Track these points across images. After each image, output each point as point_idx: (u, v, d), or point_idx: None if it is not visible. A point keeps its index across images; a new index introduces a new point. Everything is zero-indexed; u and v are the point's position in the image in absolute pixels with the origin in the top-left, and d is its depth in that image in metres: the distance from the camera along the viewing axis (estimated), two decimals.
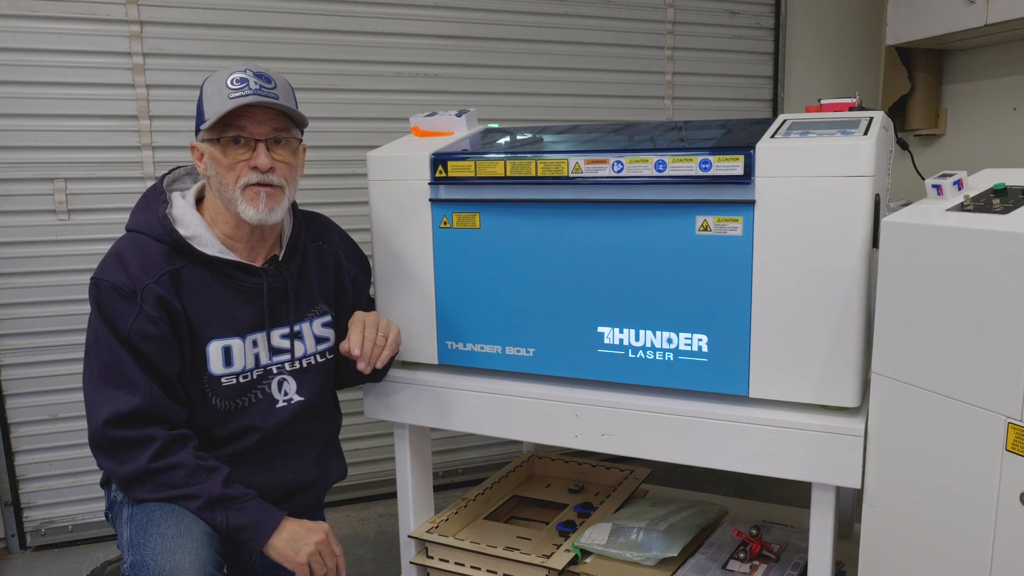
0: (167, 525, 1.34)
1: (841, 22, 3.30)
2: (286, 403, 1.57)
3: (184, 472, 1.39)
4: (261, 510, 1.45)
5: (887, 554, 1.27)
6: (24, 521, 2.45)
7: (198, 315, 1.45)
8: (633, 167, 1.47)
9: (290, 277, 1.57)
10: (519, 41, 2.77)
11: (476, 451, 2.90)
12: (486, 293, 1.66)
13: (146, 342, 1.39)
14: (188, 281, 1.45)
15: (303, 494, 1.65)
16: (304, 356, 1.60)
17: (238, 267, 1.50)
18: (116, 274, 1.40)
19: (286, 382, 1.58)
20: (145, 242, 1.45)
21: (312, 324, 1.61)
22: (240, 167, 1.45)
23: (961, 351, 1.09)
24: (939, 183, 1.27)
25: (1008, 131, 2.92)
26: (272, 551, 1.43)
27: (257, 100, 1.42)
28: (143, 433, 1.39)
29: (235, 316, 1.49)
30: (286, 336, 1.57)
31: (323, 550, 1.46)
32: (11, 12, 2.24)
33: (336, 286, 1.68)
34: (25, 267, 2.34)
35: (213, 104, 1.43)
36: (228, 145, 1.45)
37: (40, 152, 2.32)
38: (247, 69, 1.45)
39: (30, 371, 2.39)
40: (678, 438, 1.49)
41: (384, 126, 2.60)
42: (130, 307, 1.39)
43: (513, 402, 1.64)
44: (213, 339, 1.47)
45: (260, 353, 1.54)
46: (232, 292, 1.50)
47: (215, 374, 1.48)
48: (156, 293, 1.40)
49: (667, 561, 1.69)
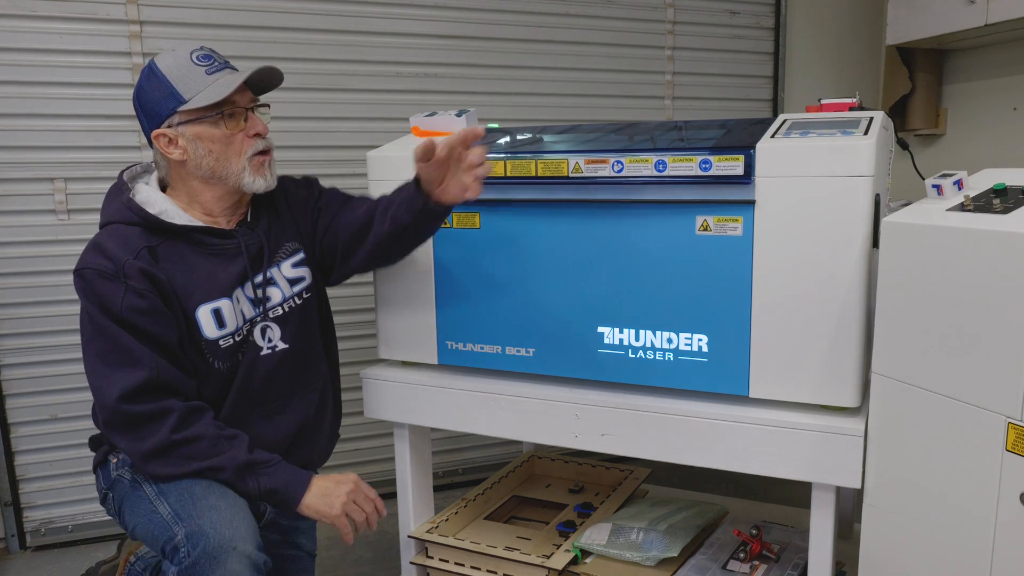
0: (215, 497, 1.36)
1: (841, 22, 3.29)
2: (270, 350, 1.55)
3: (207, 443, 1.40)
4: (289, 471, 1.46)
5: (887, 554, 1.27)
6: (24, 521, 2.45)
7: (182, 285, 1.45)
8: (633, 167, 1.47)
9: (262, 230, 1.57)
10: (519, 41, 2.77)
11: (476, 451, 2.90)
12: (486, 293, 1.66)
13: (140, 316, 1.39)
14: (167, 255, 1.45)
15: (308, 443, 1.63)
16: (283, 301, 1.58)
17: (211, 232, 1.50)
18: (97, 260, 1.41)
19: (269, 328, 1.56)
20: (119, 228, 1.46)
21: (281, 267, 1.59)
22: (239, 138, 1.47)
23: (961, 351, 1.09)
24: (939, 183, 1.27)
25: (1008, 131, 2.92)
26: (306, 509, 1.45)
27: (258, 70, 1.46)
28: (159, 406, 1.39)
29: (219, 278, 1.49)
30: (260, 284, 1.55)
31: (356, 498, 1.47)
32: (11, 12, 2.24)
33: (304, 219, 1.66)
34: (25, 267, 2.34)
35: (192, 83, 1.43)
36: (219, 120, 1.45)
37: (40, 152, 2.32)
38: (196, 46, 1.48)
39: (30, 371, 2.38)
40: (678, 438, 1.49)
41: (384, 126, 2.60)
42: (117, 286, 1.39)
43: (513, 402, 1.64)
44: (201, 304, 1.47)
45: (244, 308, 1.53)
46: (212, 257, 1.50)
47: (211, 338, 1.48)
48: (138, 267, 1.40)
49: (667, 561, 1.69)
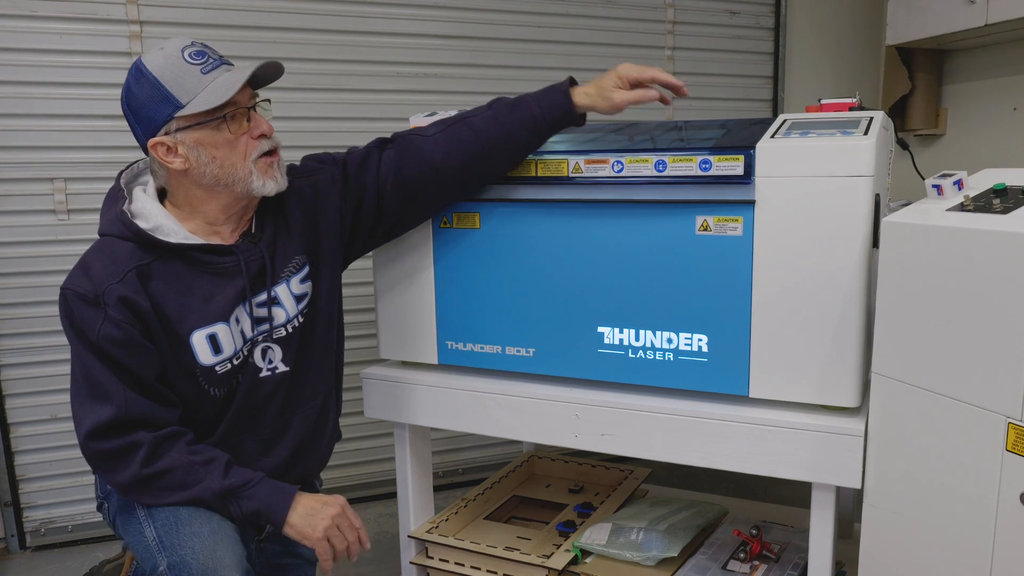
0: (199, 524, 1.32)
1: (841, 22, 3.29)
2: (270, 372, 1.48)
3: (181, 472, 1.35)
4: (271, 490, 1.39)
5: (887, 554, 1.27)
6: (24, 521, 2.45)
7: (174, 308, 1.36)
8: (633, 167, 1.47)
9: (266, 244, 1.47)
10: (519, 41, 2.77)
11: (476, 451, 2.90)
12: (486, 293, 1.66)
13: (114, 347, 1.32)
14: (160, 274, 1.36)
15: (306, 459, 1.59)
16: (287, 321, 1.49)
17: (209, 250, 1.40)
18: (79, 282, 1.34)
19: (270, 350, 1.48)
20: (111, 243, 1.37)
21: (289, 283, 1.49)
22: (243, 141, 1.37)
23: (961, 351, 1.09)
24: (939, 183, 1.27)
25: (1008, 131, 2.92)
26: (289, 529, 1.39)
27: (259, 65, 1.35)
28: (128, 440, 1.33)
29: (216, 300, 1.40)
30: (263, 304, 1.46)
31: (341, 523, 1.42)
32: (11, 12, 2.24)
33: (320, 215, 1.55)
34: (25, 267, 2.34)
35: (188, 85, 1.32)
36: (221, 124, 1.35)
37: (40, 152, 2.32)
38: (186, 42, 1.35)
39: (30, 371, 2.38)
40: (678, 438, 1.49)
41: (384, 126, 2.59)
42: (95, 313, 1.31)
43: (513, 402, 1.64)
44: (195, 330, 1.38)
45: (244, 327, 1.44)
46: (210, 277, 1.40)
47: (206, 364, 1.40)
48: (118, 294, 1.31)
49: (667, 561, 1.69)
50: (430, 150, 1.56)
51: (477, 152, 1.55)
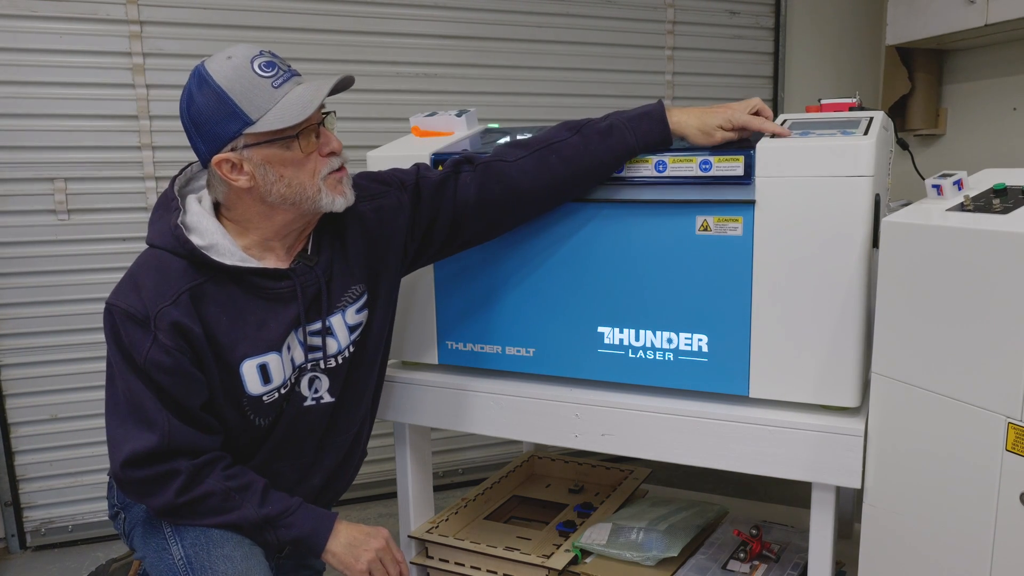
0: (231, 546, 1.30)
1: (841, 22, 3.30)
2: (315, 401, 1.42)
3: (217, 499, 1.30)
4: (311, 517, 1.36)
5: (887, 554, 1.27)
6: (24, 521, 2.45)
7: (226, 334, 1.30)
8: (633, 167, 1.47)
9: (322, 269, 1.40)
10: (519, 41, 2.77)
11: (476, 451, 2.90)
12: (486, 293, 1.66)
13: (162, 373, 1.25)
14: (213, 296, 1.29)
15: (337, 484, 1.57)
16: (337, 352, 1.43)
17: (264, 274, 1.33)
18: (129, 299, 1.26)
19: (318, 379, 1.42)
20: (163, 257, 1.29)
21: (344, 314, 1.43)
22: (313, 159, 1.30)
23: (961, 351, 1.09)
24: (939, 183, 1.27)
25: (1008, 131, 2.92)
26: (331, 557, 1.35)
27: (338, 80, 1.27)
28: (165, 468, 1.28)
29: (269, 328, 1.33)
30: (317, 333, 1.40)
31: (384, 557, 1.38)
32: (11, 12, 2.24)
33: (382, 244, 1.49)
34: (25, 267, 2.34)
35: (259, 100, 1.23)
36: (292, 142, 1.27)
37: (40, 152, 2.32)
38: (255, 51, 1.27)
39: (30, 371, 2.39)
40: (678, 438, 1.48)
41: (384, 126, 2.60)
42: (144, 335, 1.24)
43: (513, 402, 1.64)
44: (246, 359, 1.31)
45: (295, 355, 1.38)
46: (263, 302, 1.33)
47: (254, 394, 1.34)
48: (171, 319, 1.24)
49: (667, 561, 1.69)
50: (515, 177, 1.49)
51: (564, 178, 1.48)
